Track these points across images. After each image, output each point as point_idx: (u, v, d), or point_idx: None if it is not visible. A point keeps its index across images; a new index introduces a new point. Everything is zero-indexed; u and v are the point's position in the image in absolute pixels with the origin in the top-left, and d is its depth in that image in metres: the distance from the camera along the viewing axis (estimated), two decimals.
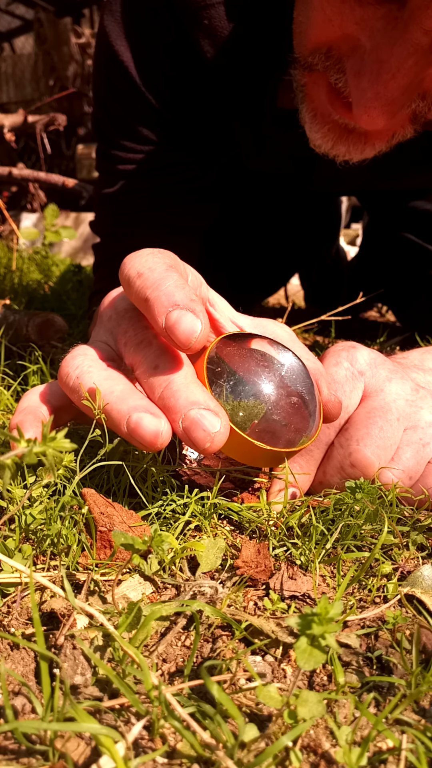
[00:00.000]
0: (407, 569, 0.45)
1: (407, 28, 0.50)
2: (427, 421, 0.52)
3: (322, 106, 0.62)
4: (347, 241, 2.76)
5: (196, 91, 0.82)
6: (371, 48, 0.53)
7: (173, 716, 0.29)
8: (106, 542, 0.43)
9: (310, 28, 0.57)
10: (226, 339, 0.50)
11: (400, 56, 0.51)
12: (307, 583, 0.42)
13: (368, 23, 0.52)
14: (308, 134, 0.65)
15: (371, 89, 0.53)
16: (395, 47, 0.51)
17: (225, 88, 0.80)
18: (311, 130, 0.64)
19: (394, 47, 0.51)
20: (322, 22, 0.55)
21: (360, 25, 0.53)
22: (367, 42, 0.53)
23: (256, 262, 1.36)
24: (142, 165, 0.88)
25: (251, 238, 1.32)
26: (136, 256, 0.48)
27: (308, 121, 0.64)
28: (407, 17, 0.50)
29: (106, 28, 0.81)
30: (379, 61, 0.52)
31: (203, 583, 0.40)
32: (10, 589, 0.40)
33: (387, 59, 0.52)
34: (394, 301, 1.44)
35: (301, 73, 0.62)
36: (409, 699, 0.32)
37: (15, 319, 0.86)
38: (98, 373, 0.47)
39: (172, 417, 0.43)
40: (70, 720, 0.29)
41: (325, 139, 0.63)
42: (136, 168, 0.88)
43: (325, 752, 0.30)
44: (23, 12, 6.17)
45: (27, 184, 2.65)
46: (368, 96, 0.53)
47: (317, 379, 0.51)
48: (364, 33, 0.53)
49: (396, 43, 0.51)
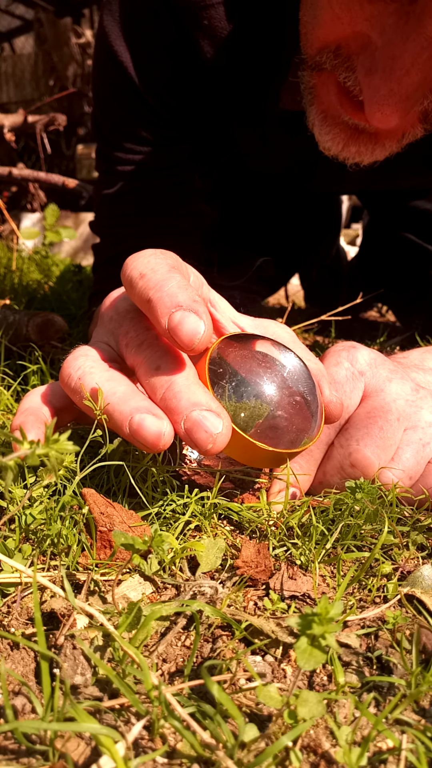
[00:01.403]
0: (407, 569, 0.45)
1: (420, 22, 0.49)
2: (427, 421, 0.52)
3: (332, 108, 0.61)
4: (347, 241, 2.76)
5: (196, 92, 0.82)
6: (383, 44, 0.52)
7: (173, 716, 0.29)
8: (106, 542, 0.44)
9: (318, 26, 0.56)
10: (227, 340, 0.50)
11: (413, 51, 0.51)
12: (307, 583, 0.42)
13: (379, 19, 0.51)
14: (317, 137, 0.64)
15: (385, 86, 0.52)
16: (408, 42, 0.50)
17: (225, 89, 0.80)
18: (321, 133, 0.63)
19: (407, 42, 0.50)
20: (330, 20, 0.55)
21: (370, 22, 0.52)
22: (378, 39, 0.52)
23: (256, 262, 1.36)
24: (141, 166, 0.88)
25: (251, 238, 1.32)
26: (139, 257, 0.48)
27: (317, 123, 0.63)
28: (419, 11, 0.49)
29: (105, 29, 0.81)
30: (392, 57, 0.52)
31: (203, 583, 0.40)
32: (10, 589, 0.41)
33: (400, 55, 0.51)
34: (394, 301, 1.44)
35: (310, 74, 0.61)
36: (409, 699, 0.32)
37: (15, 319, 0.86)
38: (100, 374, 0.47)
39: (174, 418, 0.43)
40: (70, 720, 0.29)
41: (335, 141, 0.63)
42: (136, 169, 0.88)
43: (325, 752, 0.30)
44: (23, 12, 6.17)
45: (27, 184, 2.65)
46: (382, 93, 0.53)
47: (319, 380, 0.51)
48: (374, 29, 0.52)
49: (409, 38, 0.50)
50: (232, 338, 0.50)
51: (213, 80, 0.80)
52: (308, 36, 0.60)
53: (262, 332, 0.54)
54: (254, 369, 0.49)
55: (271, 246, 1.37)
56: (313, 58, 0.59)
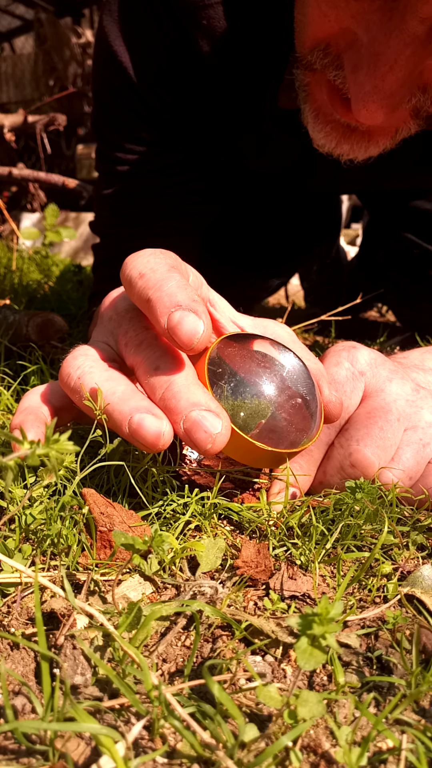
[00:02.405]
0: (407, 569, 0.45)
1: (403, 18, 0.49)
2: (428, 421, 0.52)
3: (324, 106, 0.62)
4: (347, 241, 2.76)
5: (195, 92, 0.82)
6: (368, 41, 0.52)
7: (173, 716, 0.29)
8: (106, 542, 0.44)
9: (308, 24, 0.57)
10: (227, 340, 0.50)
11: (396, 47, 0.51)
12: (307, 583, 0.42)
13: (364, 16, 0.52)
14: (311, 134, 0.65)
15: (369, 83, 0.53)
16: (391, 38, 0.50)
17: (224, 89, 0.80)
18: (314, 130, 0.64)
19: (391, 39, 0.50)
20: (318, 17, 0.55)
21: (356, 19, 0.52)
22: (364, 35, 0.52)
23: (256, 262, 1.36)
24: (141, 166, 0.88)
25: (251, 238, 1.32)
26: (138, 257, 0.48)
27: (311, 120, 0.64)
28: (402, 7, 0.49)
29: (104, 29, 0.81)
30: (376, 54, 0.52)
31: (203, 583, 0.40)
32: (10, 589, 0.41)
33: (384, 51, 0.51)
34: (394, 301, 1.44)
35: (303, 72, 0.62)
36: (409, 699, 0.32)
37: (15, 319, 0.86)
38: (100, 374, 0.47)
39: (173, 418, 0.43)
40: (70, 720, 0.29)
41: (328, 138, 0.63)
42: (136, 169, 0.88)
43: (325, 752, 0.30)
44: (23, 12, 6.17)
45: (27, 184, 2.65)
46: (366, 90, 0.53)
47: (318, 380, 0.51)
48: (360, 26, 0.52)
49: (392, 35, 0.50)
50: (232, 338, 0.50)
51: (212, 80, 0.80)
52: (300, 35, 0.60)
53: (261, 332, 0.54)
54: (254, 369, 0.49)
55: (271, 246, 1.37)
56: (306, 57, 0.59)
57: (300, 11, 0.60)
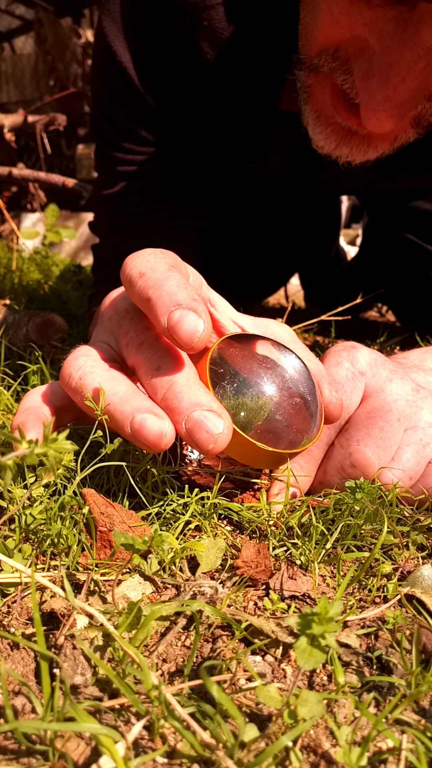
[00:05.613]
0: (407, 569, 0.45)
1: (417, 30, 0.50)
2: (428, 421, 0.52)
3: (325, 108, 0.62)
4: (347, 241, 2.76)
5: (196, 93, 0.82)
6: (380, 50, 0.52)
7: (173, 716, 0.29)
8: (106, 542, 0.44)
9: (317, 29, 0.57)
10: (228, 340, 0.50)
11: (410, 59, 0.51)
12: (307, 583, 0.42)
13: (377, 25, 0.52)
14: (311, 135, 0.65)
15: (380, 92, 0.53)
16: (405, 50, 0.51)
17: (225, 90, 0.80)
18: (314, 132, 0.64)
19: (404, 50, 0.51)
20: (329, 23, 0.55)
21: (369, 27, 0.52)
22: (376, 44, 0.52)
23: (256, 262, 1.36)
24: (140, 166, 0.88)
25: (251, 238, 1.32)
26: (138, 256, 0.48)
27: (311, 122, 0.64)
28: (417, 19, 0.49)
29: (104, 29, 0.81)
30: (389, 64, 0.52)
31: (203, 583, 0.40)
32: (10, 589, 0.41)
33: (397, 62, 0.51)
34: (394, 301, 1.44)
35: (306, 74, 0.62)
36: (409, 699, 0.32)
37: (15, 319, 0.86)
38: (101, 374, 0.47)
39: (175, 418, 0.43)
40: (70, 720, 0.29)
41: (328, 140, 0.63)
42: (135, 169, 0.88)
43: (325, 752, 0.30)
44: (23, 12, 6.17)
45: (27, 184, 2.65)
46: (377, 99, 0.53)
47: (319, 380, 0.51)
48: (372, 35, 0.52)
49: (406, 46, 0.50)
50: (233, 338, 0.50)
51: (213, 81, 0.80)
52: (308, 38, 0.60)
53: (262, 332, 0.54)
54: (255, 369, 0.49)
55: (271, 246, 1.37)
56: (312, 59, 0.59)
57: (309, 15, 0.59)
